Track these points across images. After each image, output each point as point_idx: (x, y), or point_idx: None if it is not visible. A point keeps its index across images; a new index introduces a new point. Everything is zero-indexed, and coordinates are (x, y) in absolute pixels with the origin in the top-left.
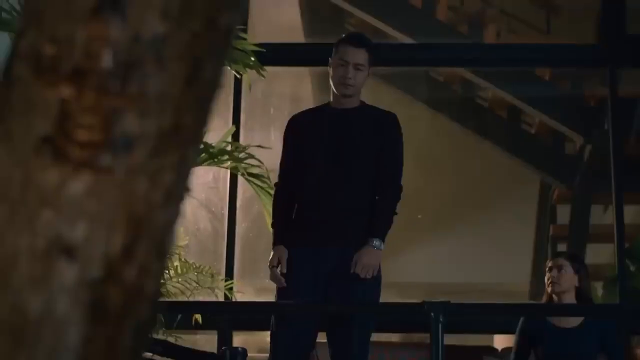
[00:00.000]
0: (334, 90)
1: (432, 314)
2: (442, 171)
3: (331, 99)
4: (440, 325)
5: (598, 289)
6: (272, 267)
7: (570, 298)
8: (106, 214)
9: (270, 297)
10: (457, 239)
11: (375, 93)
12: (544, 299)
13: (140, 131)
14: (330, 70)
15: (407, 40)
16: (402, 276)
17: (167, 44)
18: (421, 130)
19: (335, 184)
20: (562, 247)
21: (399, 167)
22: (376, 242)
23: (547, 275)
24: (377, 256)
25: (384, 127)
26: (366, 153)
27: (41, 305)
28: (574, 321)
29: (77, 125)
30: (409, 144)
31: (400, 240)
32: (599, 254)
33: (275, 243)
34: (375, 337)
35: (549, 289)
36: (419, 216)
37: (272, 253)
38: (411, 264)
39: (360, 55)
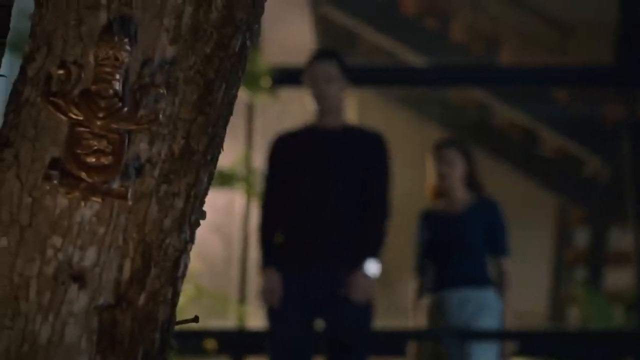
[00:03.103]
0: (314, 107)
1: (444, 339)
2: None
3: (315, 118)
4: (453, 351)
5: (618, 314)
6: (266, 291)
7: (461, 188)
8: (116, 239)
9: None
10: None
11: (390, 114)
12: (429, 196)
13: (150, 156)
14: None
15: (421, 61)
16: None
17: (178, 67)
18: None
19: (322, 207)
20: (579, 272)
21: (387, 188)
22: (370, 265)
23: (435, 168)
24: (371, 280)
25: (371, 149)
26: (353, 175)
27: (51, 332)
28: (459, 208)
29: (86, 149)
30: (423, 167)
31: (410, 265)
32: (618, 279)
33: (266, 264)
34: None
35: (440, 184)
36: None
37: (263, 276)
38: None
39: (328, 69)
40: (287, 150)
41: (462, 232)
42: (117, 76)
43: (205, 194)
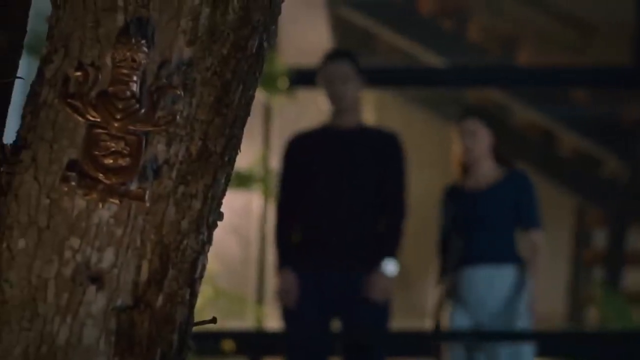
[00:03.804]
0: (330, 107)
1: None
2: None
3: (330, 118)
4: (471, 353)
5: (636, 315)
6: (282, 291)
7: (487, 162)
8: (134, 241)
9: None
10: None
11: (407, 115)
12: (455, 170)
13: (168, 157)
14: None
15: (439, 61)
16: (431, 303)
17: (195, 69)
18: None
19: (337, 206)
20: (597, 272)
21: (404, 188)
22: (388, 264)
23: (459, 143)
24: (390, 279)
25: (386, 149)
26: (368, 174)
27: (69, 333)
28: (486, 183)
29: (104, 151)
30: (441, 167)
31: (429, 265)
32: (637, 279)
33: (282, 264)
34: None
35: (464, 158)
36: None
37: (279, 277)
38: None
39: (342, 69)
40: (302, 150)
41: (488, 209)
42: (135, 78)
43: (223, 195)
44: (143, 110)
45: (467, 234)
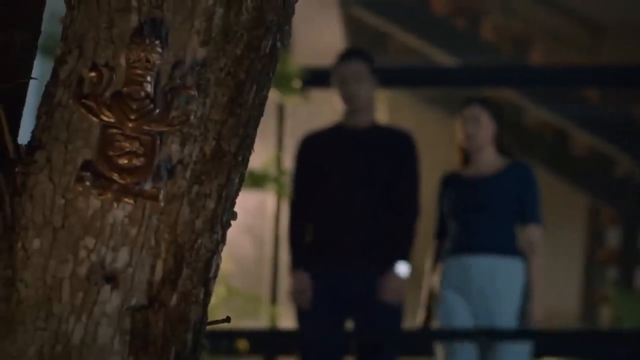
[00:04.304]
0: (343, 106)
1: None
2: None
3: (343, 118)
4: (485, 351)
5: None
6: (295, 291)
7: (489, 151)
8: (148, 240)
9: None
10: None
11: (420, 115)
12: (456, 157)
13: (182, 157)
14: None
15: (452, 61)
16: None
17: (209, 69)
18: None
19: (350, 205)
20: (611, 271)
21: (417, 187)
22: (401, 266)
23: (461, 130)
24: (403, 281)
25: (400, 148)
26: (381, 174)
27: (83, 333)
28: (487, 172)
29: (118, 151)
30: (453, 167)
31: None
32: None
33: (295, 265)
34: None
35: (466, 145)
36: None
37: (292, 277)
38: None
39: (356, 68)
40: (315, 149)
41: (490, 197)
42: (149, 78)
43: (237, 194)
44: (157, 111)
45: (467, 221)
